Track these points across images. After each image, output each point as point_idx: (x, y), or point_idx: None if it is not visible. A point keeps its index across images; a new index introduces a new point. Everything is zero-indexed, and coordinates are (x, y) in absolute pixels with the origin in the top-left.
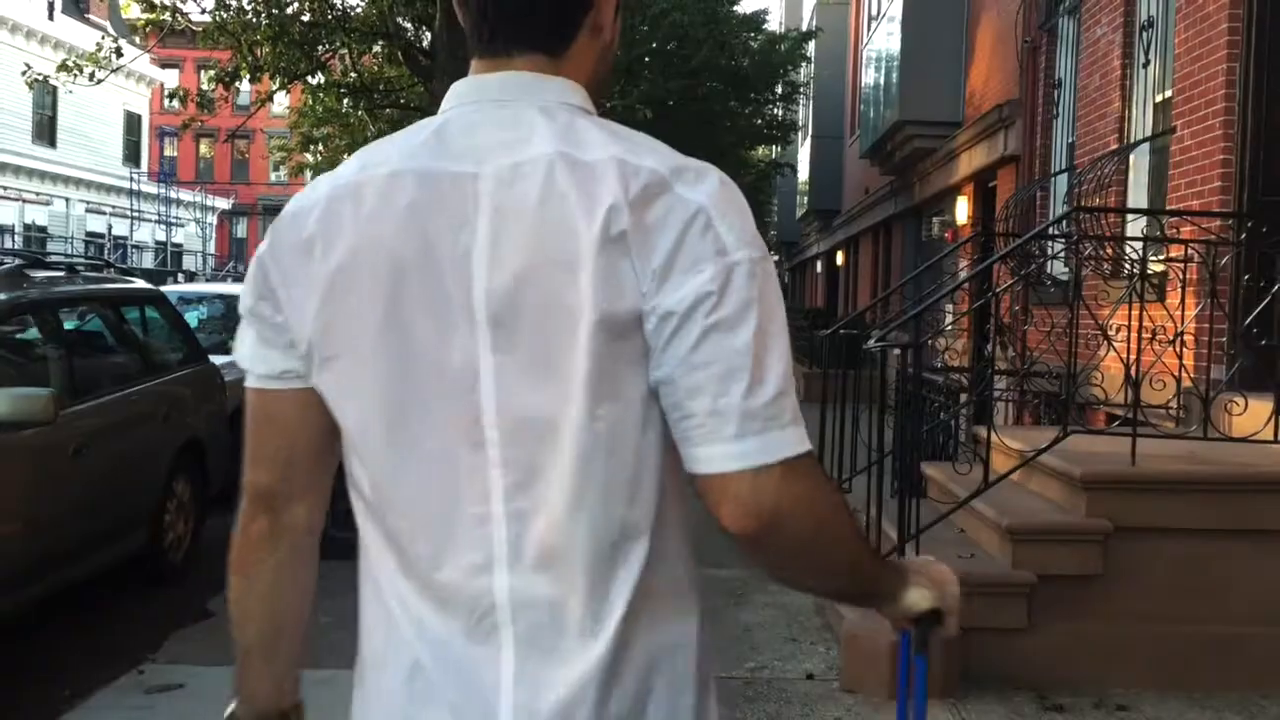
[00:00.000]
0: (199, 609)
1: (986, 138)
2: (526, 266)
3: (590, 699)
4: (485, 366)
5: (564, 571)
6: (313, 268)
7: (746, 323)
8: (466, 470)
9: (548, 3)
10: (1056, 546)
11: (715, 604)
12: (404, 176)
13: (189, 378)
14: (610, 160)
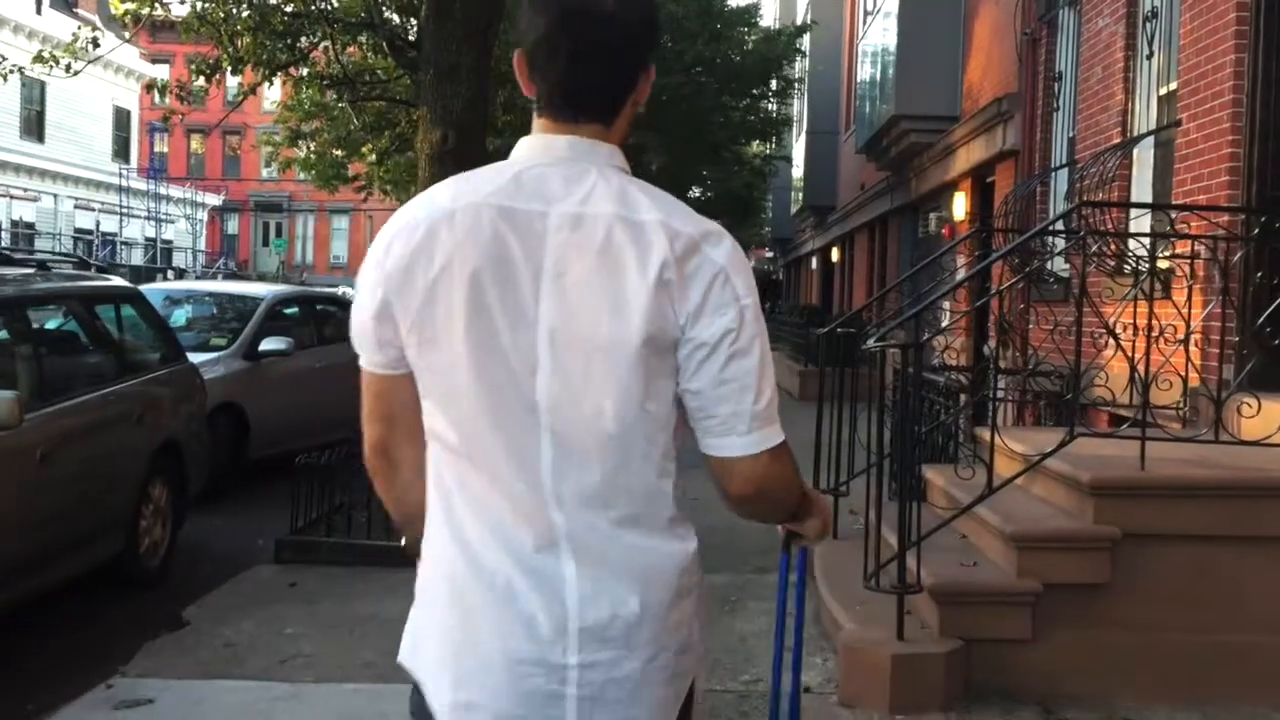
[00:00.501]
0: (174, 617)
1: (984, 132)
2: (585, 292)
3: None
4: (543, 360)
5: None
6: (417, 276)
7: (754, 350)
8: (525, 424)
9: (610, 89)
10: (1063, 554)
11: (709, 613)
12: (487, 209)
13: (166, 378)
14: (657, 223)
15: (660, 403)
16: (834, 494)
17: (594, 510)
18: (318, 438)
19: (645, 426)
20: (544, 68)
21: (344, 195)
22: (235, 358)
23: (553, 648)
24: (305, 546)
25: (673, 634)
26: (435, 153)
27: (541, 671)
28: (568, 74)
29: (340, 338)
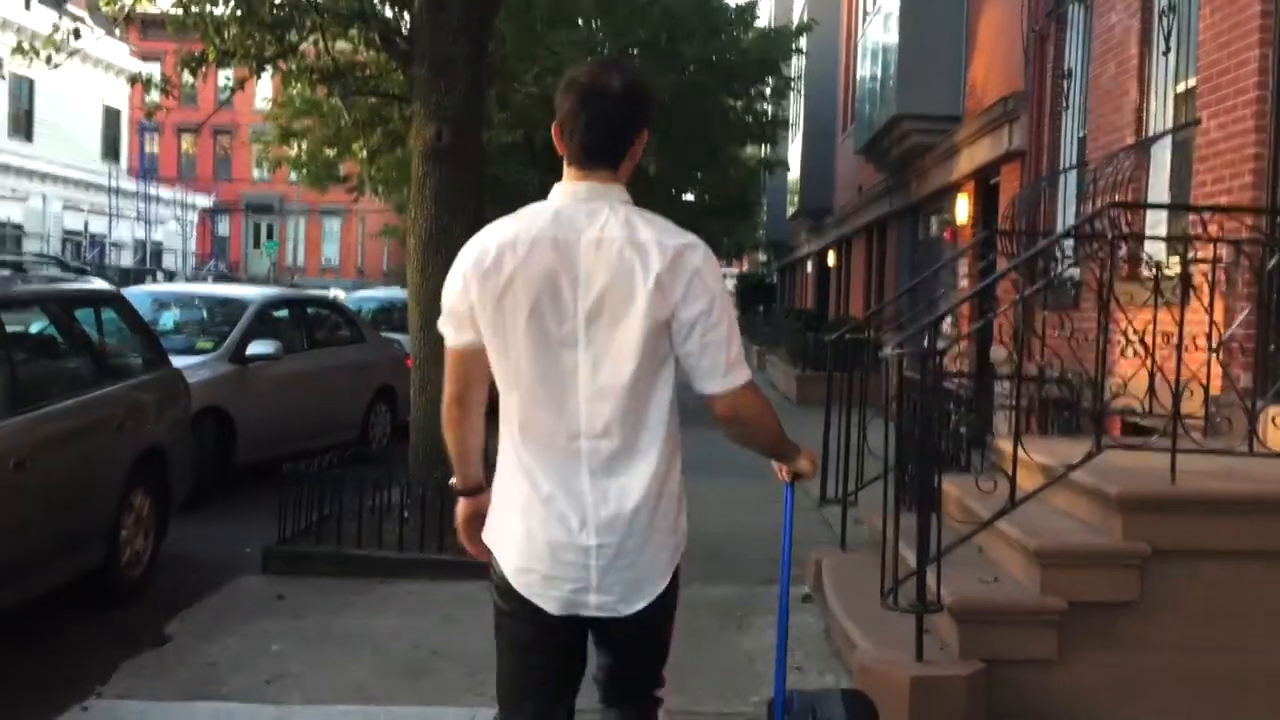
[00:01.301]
0: (156, 633)
1: (989, 132)
2: (605, 292)
3: (644, 499)
4: (581, 339)
5: (617, 440)
6: (488, 285)
7: (723, 322)
8: (567, 384)
9: (615, 147)
10: (1089, 571)
11: (713, 628)
12: (542, 239)
13: (149, 383)
14: (653, 241)
15: (656, 365)
16: (842, 504)
17: (606, 441)
18: (307, 443)
19: (647, 378)
20: (570, 132)
21: (336, 197)
22: (222, 361)
23: (578, 534)
24: (294, 557)
25: (660, 521)
26: (429, 149)
27: (572, 550)
28: (585, 136)
29: (332, 341)
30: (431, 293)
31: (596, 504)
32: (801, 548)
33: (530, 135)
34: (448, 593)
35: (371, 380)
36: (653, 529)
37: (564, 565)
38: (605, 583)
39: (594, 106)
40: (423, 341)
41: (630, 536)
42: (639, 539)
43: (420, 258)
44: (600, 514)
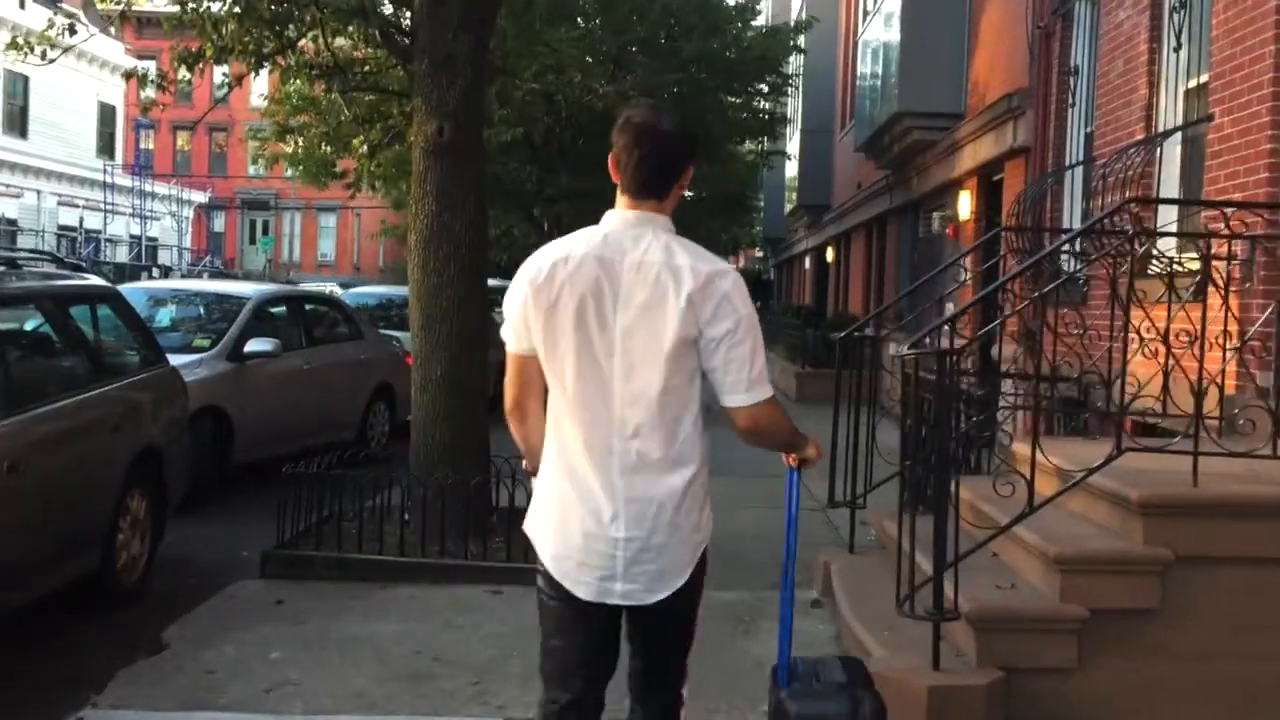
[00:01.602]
0: (153, 640)
1: (993, 129)
2: (641, 309)
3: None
4: (617, 349)
5: (645, 443)
6: (541, 297)
7: (747, 341)
8: (604, 389)
9: (664, 182)
10: (1110, 577)
11: (721, 634)
12: (590, 257)
13: (145, 381)
14: (688, 266)
15: (684, 377)
16: (850, 506)
17: (636, 442)
18: (305, 442)
19: (675, 389)
20: (624, 166)
21: (331, 193)
22: (219, 359)
23: (609, 527)
24: (293, 561)
25: (684, 518)
26: (430, 146)
27: (602, 540)
28: (637, 170)
29: (330, 339)
30: (432, 289)
31: (626, 500)
32: (809, 550)
33: (529, 133)
34: (449, 597)
35: (370, 378)
36: (676, 525)
37: (595, 554)
38: (630, 573)
39: (646, 145)
40: (424, 339)
41: (655, 532)
42: (664, 534)
43: (421, 254)
44: (629, 509)
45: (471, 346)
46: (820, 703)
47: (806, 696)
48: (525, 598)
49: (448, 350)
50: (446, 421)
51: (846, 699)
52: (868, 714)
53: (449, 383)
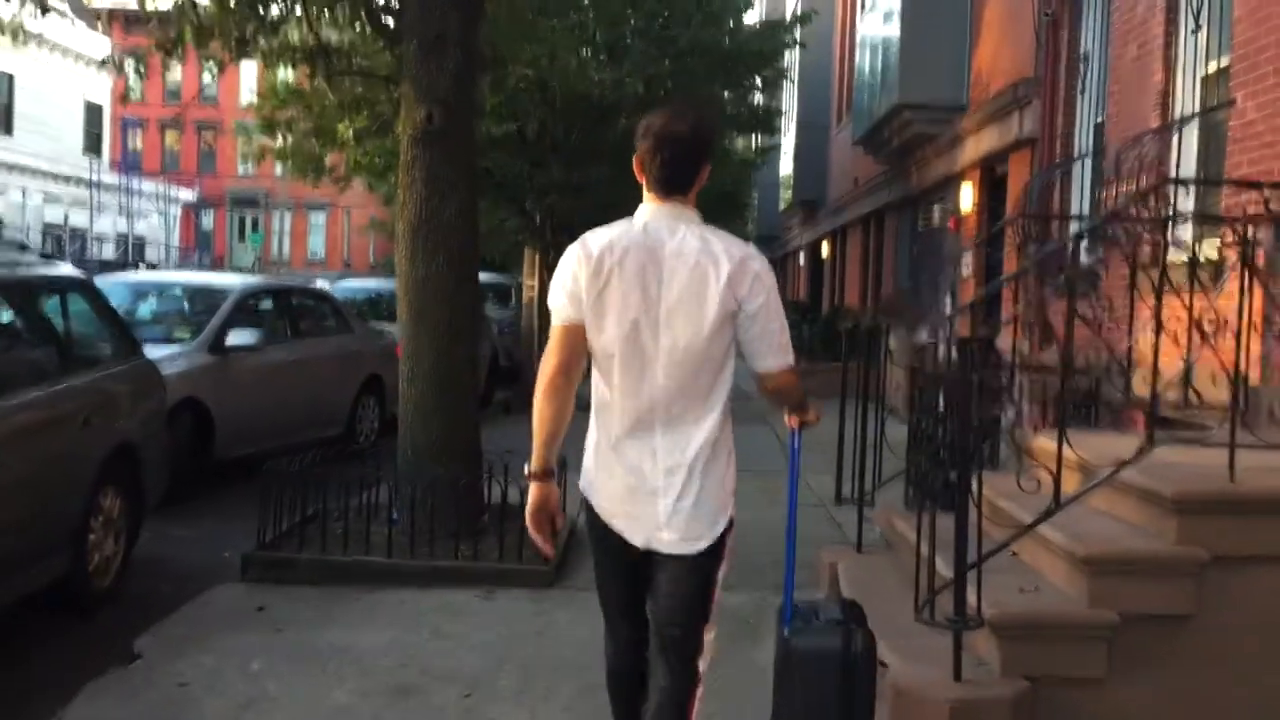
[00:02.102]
0: (124, 649)
1: (998, 120)
2: (682, 290)
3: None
4: (662, 325)
5: (683, 410)
6: (594, 280)
7: (776, 316)
8: (648, 362)
9: (686, 179)
10: (1143, 580)
11: (725, 640)
12: (634, 246)
13: (119, 375)
14: (722, 251)
15: (720, 349)
16: (857, 504)
17: (672, 405)
18: (291, 437)
19: (710, 362)
20: (649, 167)
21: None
22: (200, 351)
23: (650, 479)
24: (275, 563)
25: (712, 469)
26: (419, 133)
27: (645, 490)
28: (661, 171)
29: (317, 331)
30: (420, 280)
31: (665, 453)
32: (813, 549)
33: (521, 127)
34: (438, 602)
35: (359, 371)
36: (707, 475)
37: (641, 506)
38: (670, 521)
39: (668, 148)
40: (412, 331)
41: (690, 480)
42: (697, 483)
43: (409, 244)
44: (667, 461)
45: (461, 339)
46: (819, 638)
47: (807, 633)
48: (518, 602)
49: (436, 343)
50: (435, 417)
51: (841, 634)
52: (859, 648)
53: (438, 376)
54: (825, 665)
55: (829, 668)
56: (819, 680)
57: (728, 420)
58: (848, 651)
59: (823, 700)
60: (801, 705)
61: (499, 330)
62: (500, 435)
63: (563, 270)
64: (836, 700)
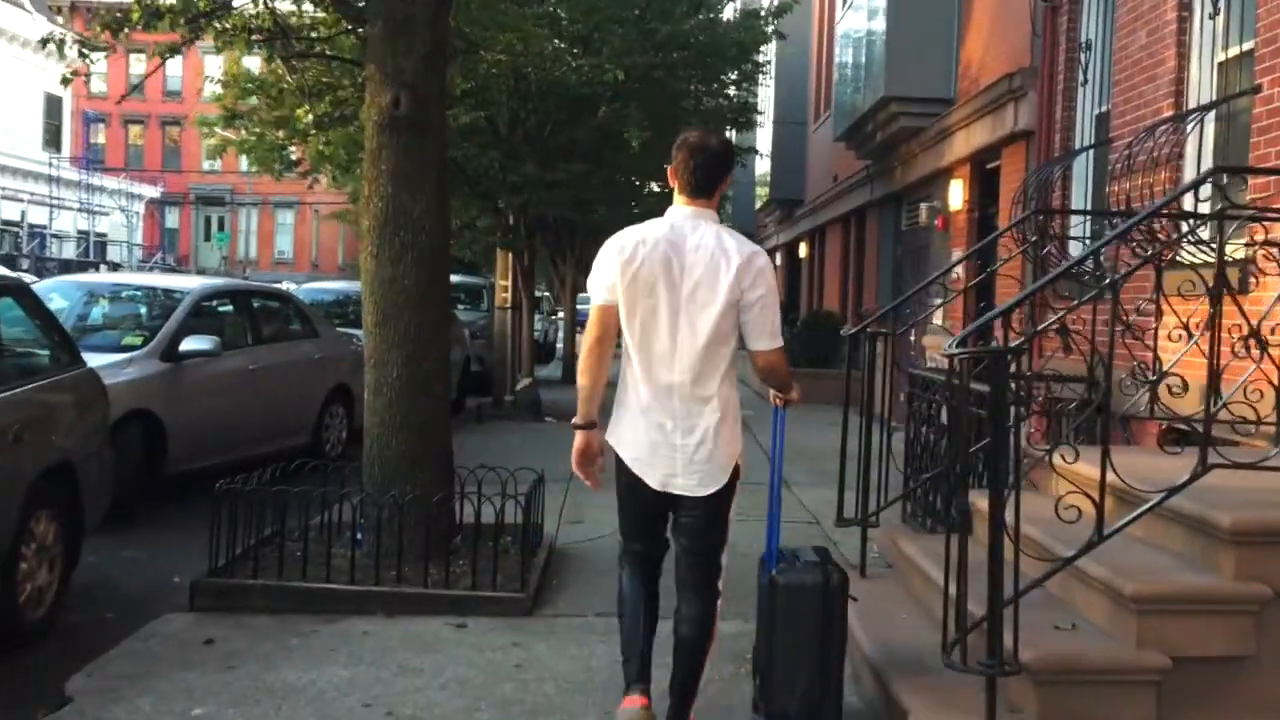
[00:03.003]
0: (55, 691)
1: (990, 112)
2: (700, 279)
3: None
4: (683, 308)
5: (697, 378)
6: (627, 269)
7: (771, 306)
8: (671, 338)
9: (711, 185)
10: (1195, 619)
11: (721, 674)
12: (662, 240)
13: (56, 386)
14: (734, 249)
15: (727, 330)
16: (861, 525)
17: (689, 376)
18: (252, 449)
19: (720, 338)
20: (682, 173)
21: (289, 188)
22: (151, 359)
23: (670, 435)
24: (227, 590)
25: (724, 431)
26: (385, 119)
27: (665, 446)
28: (691, 178)
29: (281, 336)
30: (387, 280)
31: (683, 416)
32: None
33: (492, 118)
34: (406, 633)
35: (325, 379)
36: (719, 436)
37: (660, 457)
38: (687, 470)
39: (699, 157)
40: (378, 336)
41: (704, 442)
42: (710, 444)
43: (375, 241)
44: (684, 424)
45: (432, 344)
46: (801, 575)
47: (791, 572)
48: (493, 632)
49: (404, 349)
50: (404, 429)
51: (820, 572)
52: (836, 583)
53: (406, 385)
54: (807, 597)
55: (811, 599)
56: (802, 610)
57: (735, 390)
58: (827, 585)
59: (805, 626)
60: (785, 633)
61: (471, 334)
62: (472, 446)
63: (602, 259)
64: (817, 625)
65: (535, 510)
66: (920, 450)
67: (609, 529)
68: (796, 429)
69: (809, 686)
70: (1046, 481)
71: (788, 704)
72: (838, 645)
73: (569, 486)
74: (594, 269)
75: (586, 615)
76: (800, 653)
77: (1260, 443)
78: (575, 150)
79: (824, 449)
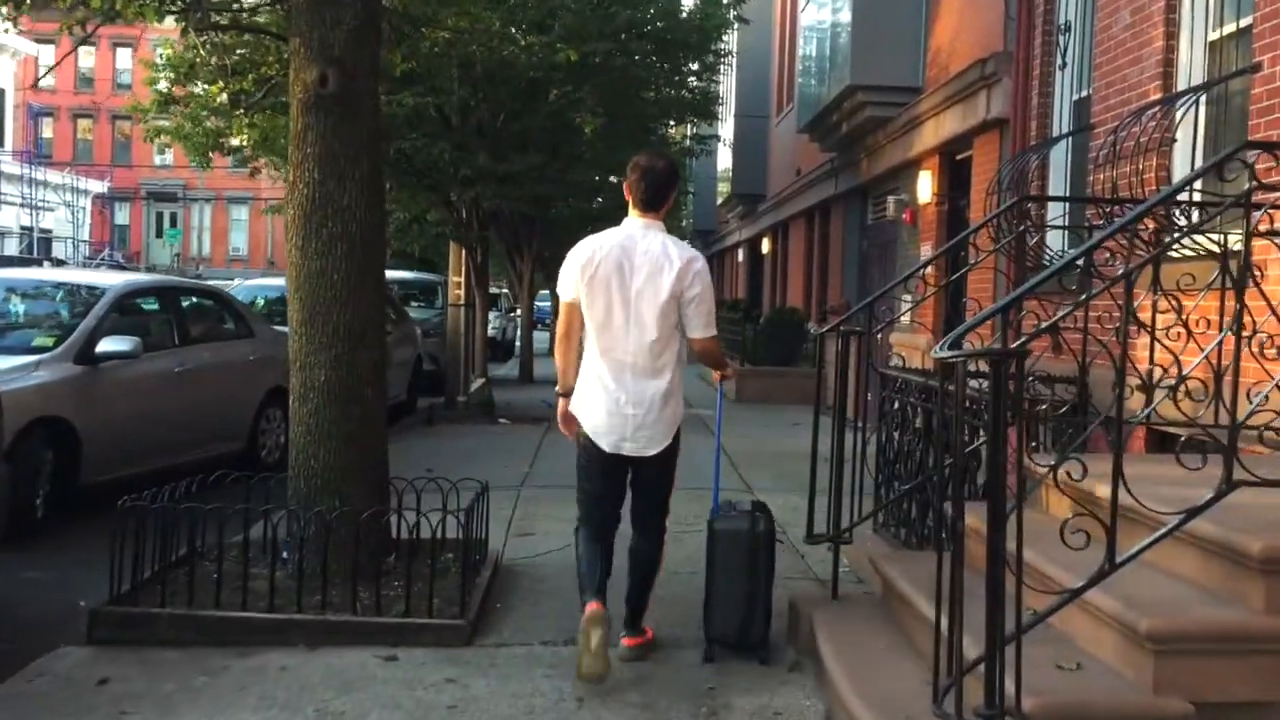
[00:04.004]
0: None
1: (961, 100)
2: (646, 278)
3: (659, 394)
4: (632, 304)
5: (652, 358)
6: (584, 271)
7: (706, 301)
8: (623, 327)
9: (659, 200)
10: (1220, 660)
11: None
12: (616, 247)
13: None
14: (676, 254)
15: (670, 321)
16: (833, 542)
17: (640, 360)
18: (181, 457)
19: (665, 327)
20: (634, 191)
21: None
22: (63, 361)
23: (623, 407)
24: (130, 620)
25: (667, 403)
26: (310, 98)
27: (619, 415)
28: (643, 195)
29: (213, 336)
30: (314, 274)
31: (633, 391)
32: (777, 591)
33: (440, 106)
34: (328, 667)
35: (262, 381)
36: (663, 407)
37: (614, 424)
38: (636, 435)
39: (649, 179)
40: (304, 337)
41: (649, 411)
42: (655, 413)
43: (300, 232)
44: (634, 398)
45: (364, 345)
46: (735, 522)
47: (726, 519)
48: (426, 666)
49: (333, 350)
50: (332, 438)
51: (749, 520)
52: (762, 529)
53: (335, 390)
54: (739, 539)
55: (742, 540)
56: (734, 550)
57: (678, 372)
58: (754, 530)
59: (737, 562)
60: (722, 568)
61: (424, 332)
62: (421, 450)
63: (567, 264)
64: (747, 562)
65: (479, 524)
66: (894, 457)
67: (561, 542)
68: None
69: (743, 610)
70: (1039, 494)
71: (725, 627)
72: (765, 577)
73: (519, 494)
74: (561, 273)
75: (532, 644)
76: (734, 584)
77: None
78: (529, 141)
79: (789, 450)
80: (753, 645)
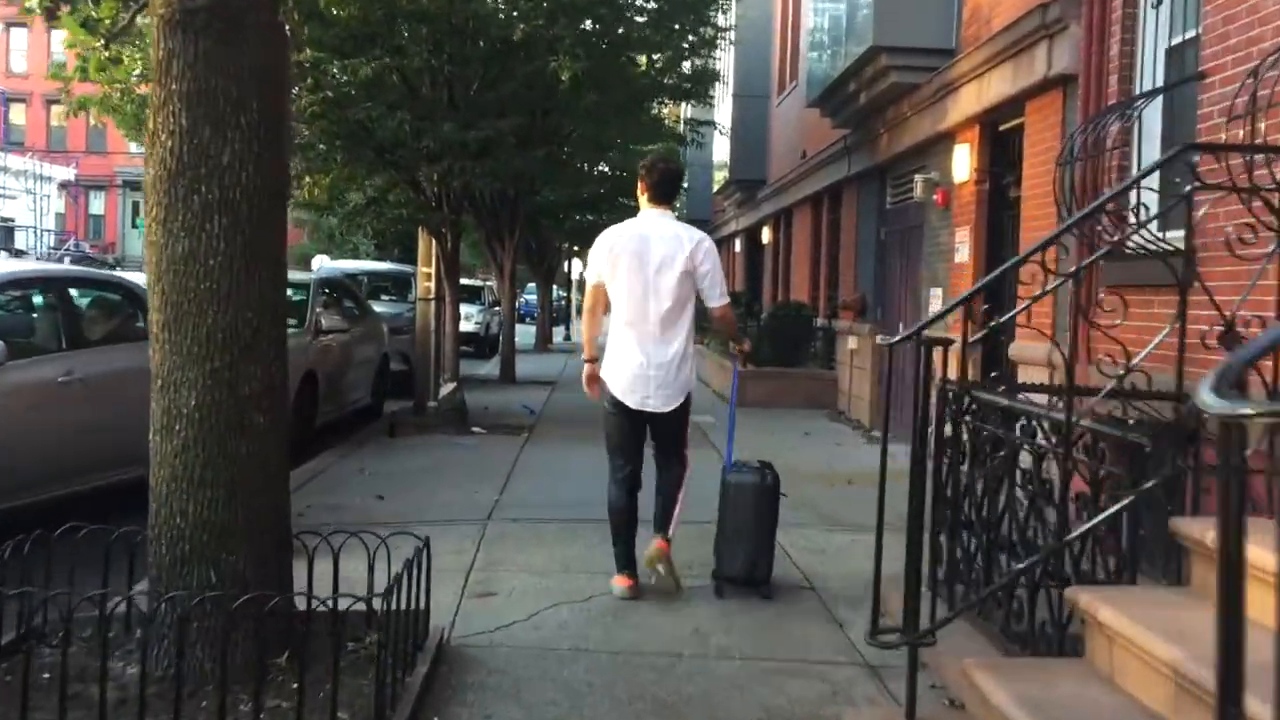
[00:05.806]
0: None
1: (1011, 57)
2: (663, 258)
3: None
4: (650, 279)
5: (668, 326)
6: (609, 255)
7: (718, 274)
8: (644, 302)
9: (671, 194)
10: None
11: None
12: (636, 234)
13: None
14: (686, 235)
15: (685, 294)
16: (910, 644)
17: (660, 329)
18: (70, 484)
19: (680, 300)
20: (649, 186)
21: None
22: None
23: (644, 369)
24: None
25: (683, 365)
26: (174, 13)
27: (642, 377)
28: (655, 190)
29: (116, 337)
30: (182, 258)
31: (655, 354)
32: (808, 684)
33: (403, 70)
34: None
35: None
36: (680, 369)
37: (639, 384)
38: (657, 394)
39: (660, 176)
40: (166, 345)
41: (668, 371)
42: (673, 374)
43: (163, 201)
44: (656, 360)
45: (253, 356)
46: (744, 476)
47: (737, 474)
48: None
49: (207, 363)
50: (206, 486)
51: (759, 473)
52: (770, 481)
53: (211, 420)
54: (748, 491)
55: (751, 492)
56: (743, 500)
57: (691, 340)
58: (762, 483)
59: (746, 513)
60: (732, 517)
61: (395, 329)
62: (376, 467)
63: (595, 250)
64: (756, 512)
65: (417, 593)
66: (985, 513)
67: (532, 606)
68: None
69: (750, 554)
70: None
71: (734, 567)
72: (769, 525)
73: (484, 531)
74: (589, 258)
75: None
76: (742, 530)
77: None
78: (505, 107)
79: (806, 468)
80: (757, 582)
